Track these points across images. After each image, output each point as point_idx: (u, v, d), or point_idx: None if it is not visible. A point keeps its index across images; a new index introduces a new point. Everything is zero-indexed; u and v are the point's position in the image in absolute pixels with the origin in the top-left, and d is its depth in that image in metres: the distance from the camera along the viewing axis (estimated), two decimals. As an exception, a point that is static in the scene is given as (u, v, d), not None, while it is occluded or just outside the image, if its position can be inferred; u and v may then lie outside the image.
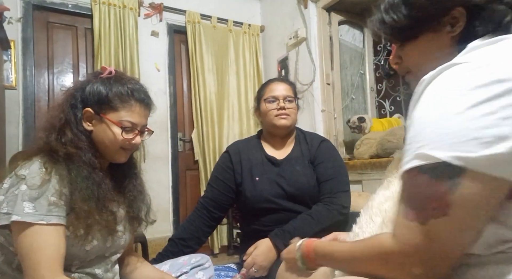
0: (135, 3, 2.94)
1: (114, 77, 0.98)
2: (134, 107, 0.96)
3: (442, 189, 0.46)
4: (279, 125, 1.43)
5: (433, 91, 0.51)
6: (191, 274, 1.15)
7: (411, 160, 0.49)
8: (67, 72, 2.83)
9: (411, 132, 0.51)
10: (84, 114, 0.94)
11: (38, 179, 0.82)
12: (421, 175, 0.48)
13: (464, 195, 0.45)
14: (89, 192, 0.88)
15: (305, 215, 1.31)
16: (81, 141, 0.92)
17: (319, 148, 1.44)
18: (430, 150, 0.46)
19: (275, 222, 1.36)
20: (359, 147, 2.49)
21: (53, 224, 0.81)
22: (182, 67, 3.33)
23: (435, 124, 0.48)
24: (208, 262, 1.22)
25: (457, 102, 0.47)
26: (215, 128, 3.21)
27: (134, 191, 1.06)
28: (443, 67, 0.51)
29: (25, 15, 2.63)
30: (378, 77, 3.06)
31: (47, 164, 0.86)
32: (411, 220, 0.49)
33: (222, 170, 1.49)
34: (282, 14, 3.32)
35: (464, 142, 0.44)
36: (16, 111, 2.55)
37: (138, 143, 0.99)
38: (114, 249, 1.00)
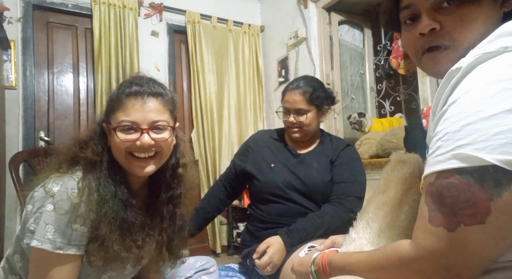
0: (135, 3, 2.94)
1: None
2: (127, 104, 0.82)
3: (482, 194, 0.41)
4: (293, 137, 1.45)
5: (475, 84, 0.44)
6: (194, 278, 1.14)
7: (448, 160, 0.43)
8: (67, 72, 2.82)
9: (446, 128, 0.45)
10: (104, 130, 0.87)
11: (67, 202, 0.76)
12: (458, 177, 0.42)
13: (508, 202, 0.40)
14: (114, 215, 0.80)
15: (314, 216, 1.29)
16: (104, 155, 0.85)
17: (343, 150, 1.43)
18: (475, 150, 0.41)
19: (282, 214, 1.36)
20: (359, 147, 2.49)
21: (70, 255, 0.78)
22: (182, 67, 3.33)
23: (480, 122, 0.42)
24: (214, 266, 1.20)
25: (506, 98, 0.41)
26: (215, 128, 3.21)
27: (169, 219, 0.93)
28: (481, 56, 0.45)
29: (25, 15, 2.63)
30: (378, 77, 3.06)
31: (81, 182, 0.79)
32: (437, 225, 0.44)
33: (240, 152, 1.57)
34: (282, 14, 3.32)
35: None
36: (16, 111, 2.55)
37: (146, 143, 0.81)
38: (132, 274, 0.96)
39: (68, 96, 2.80)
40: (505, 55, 0.44)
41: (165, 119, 0.85)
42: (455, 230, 0.42)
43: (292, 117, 1.39)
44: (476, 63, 0.45)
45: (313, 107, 1.40)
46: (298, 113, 1.39)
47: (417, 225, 0.47)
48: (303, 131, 1.41)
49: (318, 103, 1.40)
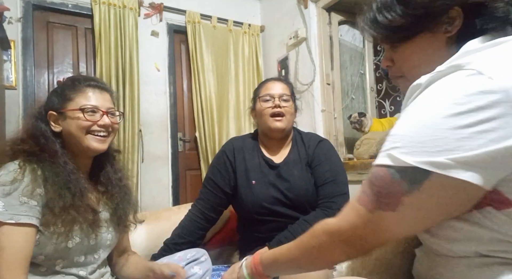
0: (135, 3, 2.94)
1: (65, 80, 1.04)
2: (88, 92, 0.99)
3: (399, 189, 0.49)
4: (273, 128, 1.38)
5: (423, 98, 0.51)
6: (186, 269, 1.12)
7: (383, 157, 0.52)
8: (67, 72, 2.82)
9: (393, 130, 0.53)
10: (49, 118, 0.98)
11: (10, 176, 0.84)
12: (386, 173, 0.51)
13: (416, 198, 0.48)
14: (64, 188, 0.89)
15: (303, 221, 1.27)
16: (48, 142, 0.94)
17: (316, 149, 1.40)
18: (401, 153, 0.49)
19: (272, 230, 1.33)
20: (359, 147, 2.49)
21: (22, 224, 0.82)
22: (182, 67, 3.33)
23: (413, 130, 0.49)
24: (205, 255, 1.19)
25: (438, 112, 0.47)
26: (215, 128, 3.21)
27: (120, 193, 1.08)
28: (436, 74, 0.51)
29: (25, 15, 2.63)
30: (378, 77, 3.06)
31: (22, 163, 0.88)
32: (361, 205, 0.54)
33: (216, 171, 1.44)
34: (282, 14, 3.32)
35: (436, 152, 0.46)
36: (16, 111, 2.55)
37: (107, 123, 0.99)
38: (101, 248, 1.00)
39: (68, 96, 2.79)
40: (453, 74, 0.49)
41: (114, 108, 1.05)
42: (373, 212, 0.52)
43: (277, 101, 1.37)
44: (431, 81, 0.52)
45: (292, 101, 1.43)
46: (283, 99, 1.38)
47: (348, 203, 0.58)
48: (286, 120, 1.38)
49: (294, 100, 1.45)
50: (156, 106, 3.09)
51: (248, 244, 1.42)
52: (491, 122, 0.43)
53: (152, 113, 3.04)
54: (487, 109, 0.44)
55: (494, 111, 0.43)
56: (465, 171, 0.44)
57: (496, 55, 0.49)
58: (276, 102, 1.37)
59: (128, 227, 1.12)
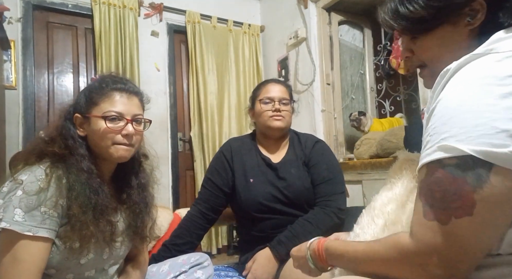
0: (135, 3, 2.94)
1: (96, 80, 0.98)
2: (114, 96, 0.92)
3: (466, 186, 0.43)
4: (273, 127, 1.40)
5: (460, 82, 0.48)
6: (189, 273, 1.14)
7: (434, 152, 0.47)
8: (67, 72, 2.83)
9: (434, 123, 0.49)
10: (75, 121, 0.93)
11: (36, 186, 0.80)
12: (443, 171, 0.45)
13: (490, 193, 0.42)
14: (86, 200, 0.85)
15: (303, 220, 1.28)
16: (76, 147, 0.90)
17: (313, 149, 1.41)
18: (456, 142, 0.44)
19: (271, 227, 1.34)
20: (359, 147, 2.49)
21: (39, 237, 0.79)
22: (182, 67, 3.33)
23: (462, 115, 0.45)
24: (208, 261, 1.21)
25: (486, 93, 0.45)
26: (215, 128, 3.21)
27: (140, 203, 1.01)
28: (469, 57, 0.49)
29: (25, 15, 2.63)
30: (378, 77, 3.06)
31: (49, 169, 0.84)
32: (431, 220, 0.46)
33: (215, 171, 1.45)
34: (282, 14, 3.32)
35: (493, 135, 0.42)
36: (16, 111, 2.55)
37: (131, 132, 0.92)
38: (113, 261, 0.98)
39: (68, 96, 2.80)
40: (489, 55, 0.48)
41: (142, 114, 0.98)
42: (448, 223, 0.45)
43: (277, 104, 1.39)
44: (464, 63, 0.49)
45: (292, 103, 1.45)
46: (283, 102, 1.40)
47: (414, 220, 0.50)
48: (285, 121, 1.40)
49: (292, 102, 1.46)
50: (156, 106, 3.09)
51: (248, 244, 1.43)
52: None
53: (152, 113, 3.03)
54: None
55: None
56: None
57: None
58: (276, 106, 1.38)
59: (144, 240, 1.05)
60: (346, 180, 2.40)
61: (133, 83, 1.00)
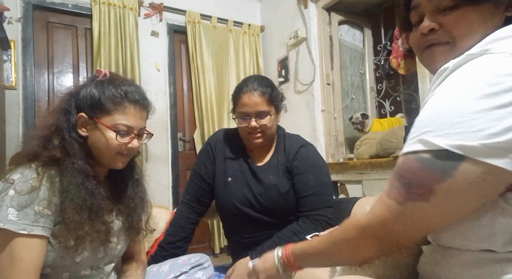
0: (135, 3, 2.94)
1: (108, 80, 0.94)
2: (129, 110, 0.92)
3: (431, 177, 0.47)
4: (252, 145, 1.36)
5: (454, 81, 0.50)
6: (190, 273, 1.15)
7: (413, 143, 0.50)
8: (67, 72, 2.83)
9: (422, 116, 0.51)
10: (78, 119, 0.91)
11: (27, 185, 0.80)
12: (416, 161, 0.49)
13: (450, 186, 0.46)
14: (81, 202, 0.85)
15: (290, 233, 1.25)
16: (73, 147, 0.88)
17: (296, 155, 1.34)
18: (434, 137, 0.47)
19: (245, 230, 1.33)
20: (359, 146, 2.49)
21: (35, 235, 0.79)
22: (182, 67, 3.33)
23: (446, 113, 0.48)
24: (208, 261, 1.21)
25: (473, 94, 0.46)
26: (216, 128, 3.20)
27: (135, 198, 1.02)
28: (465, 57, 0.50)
29: (25, 15, 2.63)
30: (378, 77, 3.06)
31: (40, 169, 0.83)
32: (390, 198, 0.51)
33: (201, 162, 1.43)
34: (282, 14, 3.32)
35: (470, 133, 0.44)
36: (16, 111, 2.55)
37: (136, 147, 0.94)
38: (108, 259, 0.97)
39: (68, 96, 2.79)
40: (484, 56, 0.49)
41: (146, 127, 0.99)
42: (404, 204, 0.50)
43: (253, 122, 1.29)
44: (460, 63, 0.50)
45: (273, 108, 1.32)
46: (260, 116, 1.29)
47: (378, 197, 0.55)
48: (265, 135, 1.32)
49: (277, 102, 1.34)
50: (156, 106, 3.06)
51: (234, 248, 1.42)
52: None
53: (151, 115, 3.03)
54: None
55: None
56: (501, 156, 0.44)
57: None
58: (252, 123, 1.29)
59: (140, 234, 1.07)
60: (346, 180, 2.43)
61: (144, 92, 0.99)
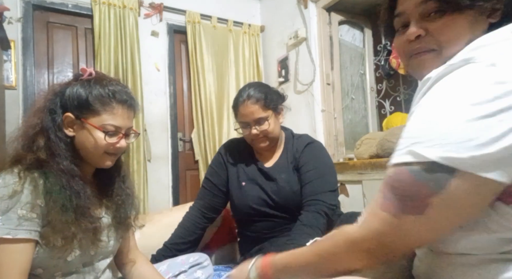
0: (135, 3, 2.94)
1: (94, 79, 0.93)
2: (117, 110, 0.91)
3: (425, 190, 0.47)
4: (257, 149, 1.42)
5: (438, 91, 0.50)
6: (189, 273, 1.15)
7: (403, 155, 0.50)
8: (67, 72, 2.82)
9: (409, 127, 0.51)
10: (64, 119, 0.90)
11: (9, 189, 0.79)
12: (408, 173, 0.48)
13: (445, 199, 0.46)
14: (66, 202, 0.84)
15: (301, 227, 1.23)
16: (59, 148, 0.87)
17: (303, 152, 1.39)
18: (424, 148, 0.47)
19: (263, 228, 1.37)
20: (359, 146, 2.49)
21: (20, 239, 0.78)
22: (182, 67, 3.33)
23: (433, 124, 0.48)
24: (207, 261, 1.21)
25: (455, 105, 0.47)
26: (215, 128, 3.21)
27: (122, 195, 1.03)
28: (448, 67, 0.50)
29: (25, 15, 2.63)
30: (378, 77, 3.06)
31: (22, 172, 0.82)
32: (383, 211, 0.50)
33: (213, 172, 1.49)
34: (282, 14, 3.32)
35: (458, 143, 0.45)
36: (16, 111, 2.55)
37: (124, 146, 0.94)
38: (102, 256, 0.97)
39: (68, 96, 2.79)
40: (468, 66, 0.49)
41: (133, 126, 0.99)
42: (398, 217, 0.49)
43: (254, 130, 1.35)
44: (442, 74, 0.51)
45: (270, 111, 1.36)
46: (258, 123, 1.34)
47: (367, 209, 0.54)
48: (269, 139, 1.37)
49: (274, 105, 1.37)
50: (156, 106, 3.09)
51: (244, 245, 1.44)
52: (509, 111, 0.43)
53: (152, 113, 3.04)
54: (503, 99, 0.44)
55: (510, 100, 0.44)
56: (492, 169, 0.44)
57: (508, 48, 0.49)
58: (253, 131, 1.35)
59: (129, 229, 1.08)
60: (346, 180, 2.43)
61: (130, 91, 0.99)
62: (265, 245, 1.34)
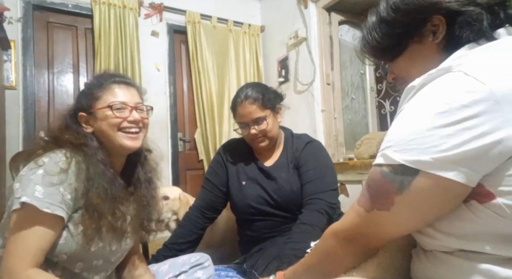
0: (135, 3, 2.94)
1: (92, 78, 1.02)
2: (114, 88, 0.96)
3: (392, 190, 0.52)
4: (257, 149, 1.43)
5: (416, 99, 0.54)
6: (190, 273, 1.14)
7: (379, 157, 0.56)
8: (67, 72, 2.82)
9: (389, 131, 0.56)
10: (80, 120, 0.96)
11: (57, 167, 0.82)
12: (380, 174, 0.54)
13: (407, 198, 0.51)
14: (105, 191, 0.88)
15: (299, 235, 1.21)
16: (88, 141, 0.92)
17: (303, 151, 1.40)
18: (393, 152, 0.52)
19: (264, 228, 1.37)
20: (359, 146, 2.49)
21: (56, 216, 0.80)
22: (182, 67, 3.33)
23: (404, 130, 0.52)
24: (208, 261, 1.21)
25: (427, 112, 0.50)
26: (216, 128, 3.21)
27: (148, 196, 1.04)
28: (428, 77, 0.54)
29: (25, 15, 2.63)
30: (378, 77, 3.06)
31: (69, 153, 0.87)
32: (360, 205, 0.58)
33: (213, 171, 1.49)
34: (282, 14, 3.32)
35: (422, 149, 0.49)
36: (16, 111, 2.55)
37: (137, 118, 0.96)
38: (120, 254, 0.99)
39: (68, 96, 2.80)
40: (447, 75, 0.51)
41: (143, 102, 1.03)
42: (370, 212, 0.57)
43: (253, 129, 1.35)
44: (424, 83, 0.54)
45: (268, 111, 1.37)
46: (257, 123, 1.35)
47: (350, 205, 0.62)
48: (268, 138, 1.38)
49: (271, 105, 1.38)
50: (156, 106, 3.05)
51: (245, 245, 1.44)
52: (474, 119, 0.46)
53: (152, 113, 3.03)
54: (471, 107, 0.46)
55: (477, 108, 0.46)
56: (451, 169, 0.47)
57: (484, 58, 0.52)
58: (252, 131, 1.35)
59: (149, 233, 1.08)
60: (346, 180, 2.43)
61: (127, 76, 1.04)
62: (265, 245, 1.34)
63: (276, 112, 1.42)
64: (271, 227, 1.36)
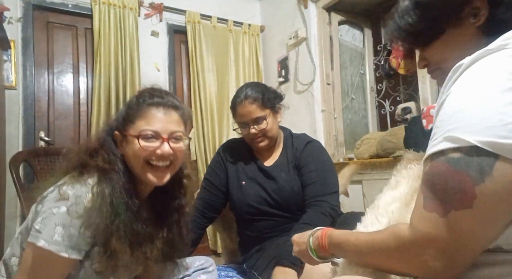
0: (135, 3, 2.94)
1: None
2: (150, 112, 0.87)
3: (468, 179, 0.43)
4: (257, 148, 1.43)
5: (471, 77, 0.48)
6: (193, 277, 1.13)
7: (439, 143, 0.46)
8: (67, 72, 2.82)
9: (442, 116, 0.48)
10: (117, 139, 0.90)
11: (82, 206, 0.77)
12: (446, 164, 0.45)
13: (491, 186, 0.42)
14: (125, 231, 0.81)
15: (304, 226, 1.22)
16: (116, 164, 0.86)
17: (303, 151, 1.40)
18: (462, 133, 0.44)
19: (264, 228, 1.37)
20: (359, 146, 2.49)
21: (71, 259, 0.77)
22: (182, 67, 3.33)
23: (469, 108, 0.45)
24: (212, 266, 1.20)
25: (494, 87, 0.44)
26: (215, 128, 3.21)
27: (173, 229, 0.96)
28: (482, 53, 0.49)
29: (25, 15, 2.63)
30: (378, 77, 3.06)
31: (95, 188, 0.80)
32: (430, 211, 0.46)
33: (212, 171, 1.49)
34: (282, 14, 3.32)
35: (499, 127, 0.42)
36: (16, 111, 2.55)
37: (166, 151, 0.85)
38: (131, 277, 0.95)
39: (68, 96, 2.80)
40: (502, 51, 0.47)
41: (182, 131, 0.90)
42: (447, 216, 0.44)
43: (253, 129, 1.36)
44: (476, 59, 0.48)
45: (268, 110, 1.37)
46: (257, 122, 1.35)
47: (414, 211, 0.50)
48: (268, 138, 1.38)
49: (271, 105, 1.38)
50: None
51: (245, 244, 1.44)
52: None
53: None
54: None
55: None
56: None
57: None
58: (251, 131, 1.36)
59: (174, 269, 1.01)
60: (346, 180, 2.42)
61: (173, 96, 0.93)
62: (265, 245, 1.34)
63: (276, 112, 1.42)
64: (271, 227, 1.36)
